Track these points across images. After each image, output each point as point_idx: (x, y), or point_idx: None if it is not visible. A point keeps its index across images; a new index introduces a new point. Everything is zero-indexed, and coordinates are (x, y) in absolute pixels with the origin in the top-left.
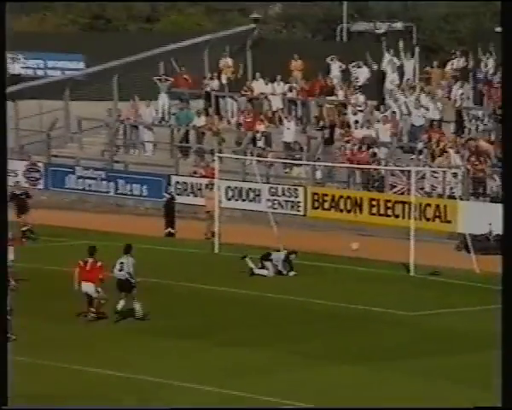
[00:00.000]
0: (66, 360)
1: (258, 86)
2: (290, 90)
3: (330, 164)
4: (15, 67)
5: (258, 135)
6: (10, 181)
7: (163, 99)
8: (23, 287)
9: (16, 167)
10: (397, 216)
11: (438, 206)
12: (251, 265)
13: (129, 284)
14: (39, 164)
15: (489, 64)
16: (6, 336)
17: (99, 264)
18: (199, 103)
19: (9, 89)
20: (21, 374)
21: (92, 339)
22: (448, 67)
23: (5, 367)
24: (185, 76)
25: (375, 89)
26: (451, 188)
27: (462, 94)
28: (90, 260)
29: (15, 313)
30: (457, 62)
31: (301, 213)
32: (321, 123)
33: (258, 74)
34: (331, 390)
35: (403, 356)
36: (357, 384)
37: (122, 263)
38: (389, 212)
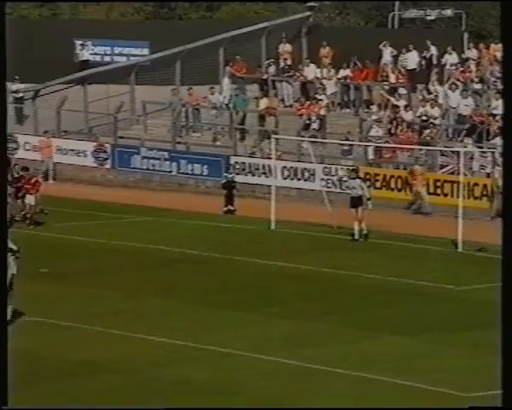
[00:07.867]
0: (131, 330)
1: (312, 72)
2: (336, 77)
3: (381, 145)
4: (84, 53)
5: (314, 118)
6: (80, 161)
7: (226, 84)
8: (91, 261)
9: (85, 148)
10: (446, 195)
11: (485, 185)
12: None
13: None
14: (106, 145)
15: None
16: (6, 335)
17: None
18: (255, 88)
19: (79, 74)
20: (90, 342)
21: (157, 311)
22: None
23: (5, 367)
24: (243, 62)
25: (424, 74)
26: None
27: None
28: None
29: (85, 285)
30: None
31: None
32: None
33: (307, 60)
34: (381, 360)
35: (451, 328)
36: (407, 354)
37: None
38: (438, 191)
